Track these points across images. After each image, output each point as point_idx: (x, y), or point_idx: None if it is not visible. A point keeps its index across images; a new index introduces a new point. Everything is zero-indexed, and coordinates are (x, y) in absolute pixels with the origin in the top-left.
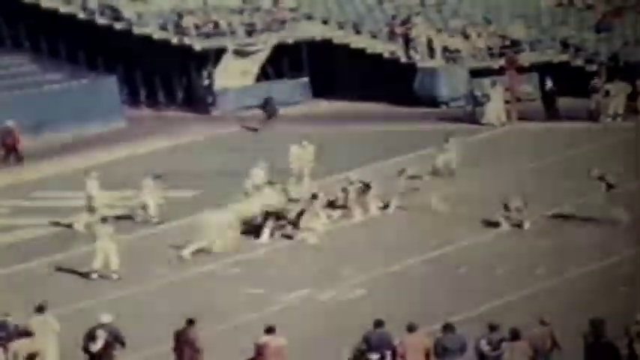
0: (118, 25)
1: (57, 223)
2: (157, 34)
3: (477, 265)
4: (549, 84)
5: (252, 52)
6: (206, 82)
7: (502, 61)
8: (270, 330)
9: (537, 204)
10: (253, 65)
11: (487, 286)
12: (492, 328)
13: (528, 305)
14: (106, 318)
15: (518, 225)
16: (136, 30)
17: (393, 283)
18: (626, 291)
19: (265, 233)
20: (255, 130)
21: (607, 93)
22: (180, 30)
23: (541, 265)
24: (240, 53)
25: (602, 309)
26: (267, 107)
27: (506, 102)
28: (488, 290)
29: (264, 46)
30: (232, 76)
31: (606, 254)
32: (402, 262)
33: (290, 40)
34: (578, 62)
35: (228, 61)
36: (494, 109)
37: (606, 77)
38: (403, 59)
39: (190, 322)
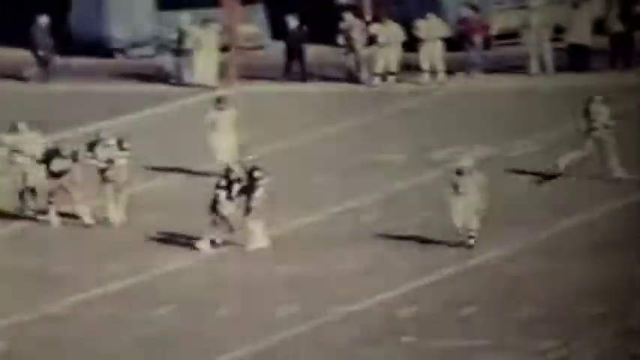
0: None
1: None
2: None
3: None
4: (293, 23)
5: None
6: None
7: None
8: None
9: None
10: None
11: None
12: None
13: None
14: None
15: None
16: None
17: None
18: None
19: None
20: None
21: (371, 41)
22: None
23: None
24: None
25: None
26: None
27: (224, 50)
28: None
29: None
30: None
31: None
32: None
33: None
34: None
35: None
36: (205, 62)
37: (372, 16)
38: None
39: None
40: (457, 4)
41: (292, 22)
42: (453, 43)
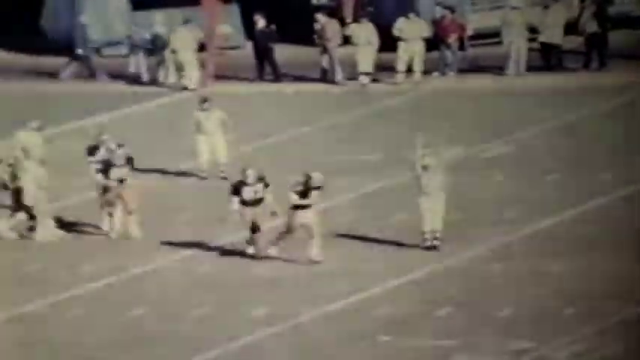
0: None
1: None
2: None
3: None
4: (262, 22)
5: None
6: None
7: None
8: None
9: None
10: None
11: None
12: None
13: None
14: None
15: None
16: None
17: None
18: None
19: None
20: None
21: (346, 40)
22: None
23: None
24: None
25: None
26: None
27: (201, 49)
28: None
29: None
30: None
31: None
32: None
33: None
34: None
35: None
36: (189, 62)
37: (353, 16)
38: None
39: None
40: (432, 4)
41: (260, 21)
42: (427, 43)
